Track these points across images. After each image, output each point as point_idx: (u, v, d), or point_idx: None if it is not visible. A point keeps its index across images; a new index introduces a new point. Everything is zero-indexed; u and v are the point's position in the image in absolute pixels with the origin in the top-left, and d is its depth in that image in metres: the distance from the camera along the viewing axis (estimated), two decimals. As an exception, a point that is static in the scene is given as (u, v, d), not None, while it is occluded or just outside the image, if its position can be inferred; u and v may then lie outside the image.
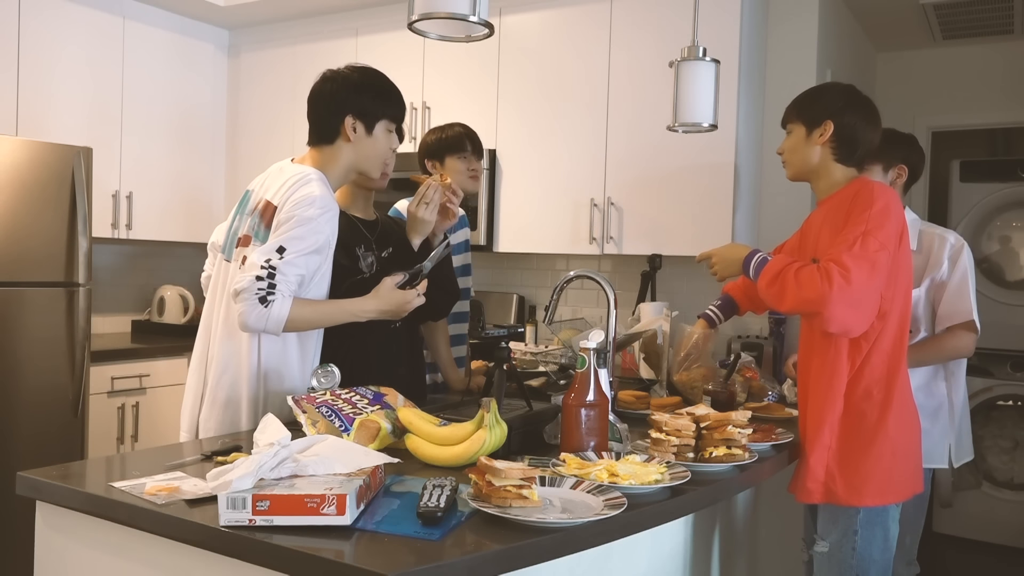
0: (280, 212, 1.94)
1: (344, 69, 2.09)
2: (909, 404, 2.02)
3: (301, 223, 1.90)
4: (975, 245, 4.32)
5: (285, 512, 1.25)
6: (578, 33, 3.55)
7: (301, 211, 1.90)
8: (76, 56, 3.86)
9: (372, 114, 2.05)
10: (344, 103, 2.04)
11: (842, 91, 2.07)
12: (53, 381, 3.34)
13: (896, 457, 1.95)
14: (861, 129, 2.02)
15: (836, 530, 1.99)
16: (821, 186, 2.08)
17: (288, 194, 1.95)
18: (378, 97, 2.07)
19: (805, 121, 2.06)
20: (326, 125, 2.05)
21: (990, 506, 4.20)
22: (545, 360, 2.94)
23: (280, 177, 2.02)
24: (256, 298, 1.84)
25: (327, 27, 4.23)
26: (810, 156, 2.05)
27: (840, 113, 2.01)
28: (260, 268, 1.86)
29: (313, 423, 1.75)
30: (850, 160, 2.04)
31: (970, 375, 2.74)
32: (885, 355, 1.94)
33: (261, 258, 1.87)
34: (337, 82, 2.07)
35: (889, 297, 1.91)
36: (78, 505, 1.45)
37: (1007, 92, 4.34)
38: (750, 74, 3.33)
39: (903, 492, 1.99)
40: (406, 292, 1.99)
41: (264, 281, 1.85)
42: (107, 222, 3.98)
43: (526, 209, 3.66)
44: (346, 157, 2.06)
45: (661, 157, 3.35)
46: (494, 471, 1.37)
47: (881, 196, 1.91)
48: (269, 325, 1.86)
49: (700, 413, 1.84)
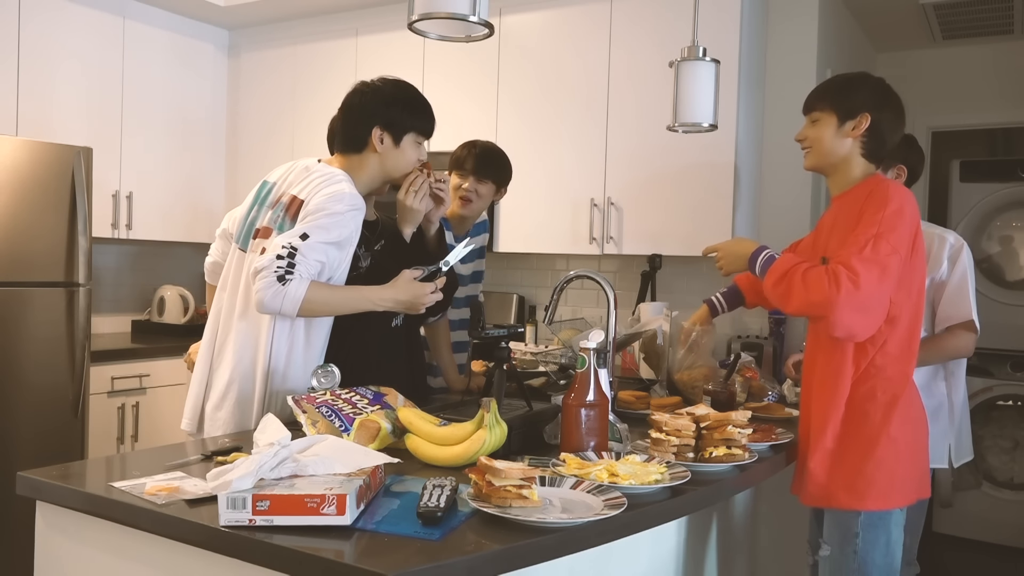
0: (308, 205, 1.97)
1: (377, 81, 2.13)
2: (916, 410, 1.97)
3: (329, 215, 1.93)
4: (975, 245, 4.32)
5: (285, 512, 1.25)
6: (578, 33, 3.55)
7: (331, 205, 1.94)
8: (76, 56, 3.86)
9: (400, 126, 2.08)
10: (373, 114, 2.06)
11: (879, 85, 1.98)
12: (53, 381, 3.34)
13: (899, 461, 1.91)
14: (894, 128, 1.96)
15: (838, 533, 1.96)
16: (838, 180, 2.00)
17: (317, 189, 1.99)
18: (407, 110, 2.10)
19: (839, 111, 1.95)
20: (354, 134, 2.09)
21: (990, 506, 4.20)
22: (545, 360, 2.94)
23: (308, 175, 2.05)
24: (275, 276, 1.85)
25: (327, 27, 4.23)
26: (837, 148, 1.96)
27: (879, 108, 1.93)
28: (281, 248, 1.88)
29: (313, 423, 1.76)
30: (876, 157, 1.98)
31: (970, 375, 2.74)
32: (892, 359, 1.89)
33: (283, 240, 1.90)
34: (368, 94, 2.10)
35: (898, 302, 1.85)
36: (78, 505, 1.45)
37: (1007, 92, 4.34)
38: (750, 74, 3.33)
39: (906, 497, 1.95)
40: (424, 285, 2.00)
41: (284, 260, 1.87)
42: (107, 222, 3.98)
43: (526, 209, 3.66)
44: (372, 166, 2.10)
45: (661, 157, 3.35)
46: (494, 471, 1.37)
47: (896, 197, 1.85)
48: (285, 304, 1.86)
49: (700, 413, 1.84)
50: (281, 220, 2.02)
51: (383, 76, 2.14)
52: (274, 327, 2.00)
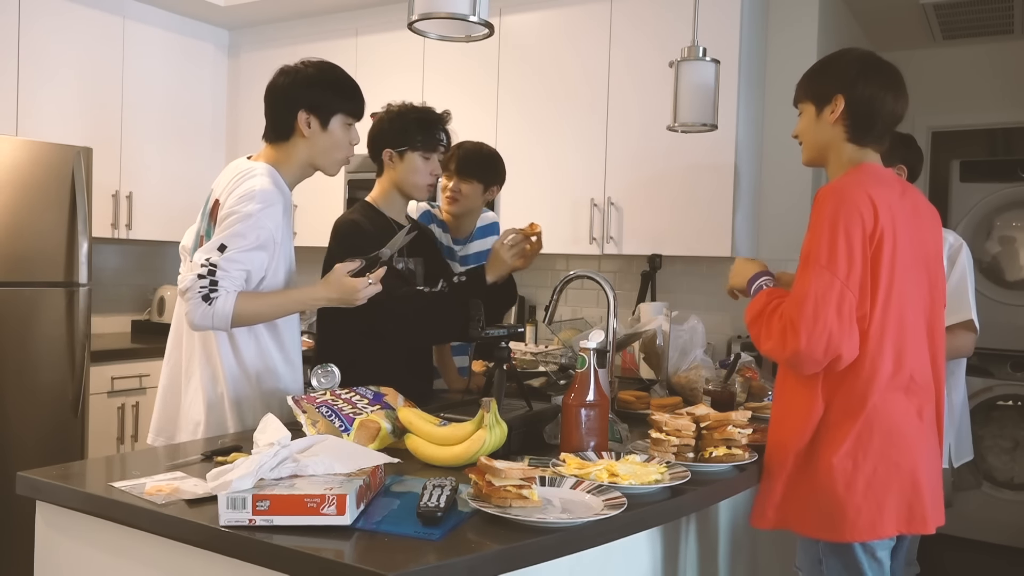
0: (223, 207, 1.92)
1: (299, 64, 2.05)
2: (891, 436, 1.71)
3: (241, 219, 1.88)
4: (975, 245, 4.32)
5: (285, 512, 1.25)
6: (578, 33, 3.55)
7: (241, 207, 1.89)
8: (76, 56, 3.86)
9: (327, 107, 2.01)
10: (298, 98, 2.00)
11: (855, 58, 1.80)
12: (53, 381, 3.34)
13: (854, 491, 1.69)
14: (879, 100, 1.75)
15: (806, 559, 1.83)
16: (832, 171, 1.83)
17: (231, 188, 1.94)
18: (331, 89, 2.02)
19: (814, 98, 1.81)
20: (280, 121, 2.03)
21: (990, 506, 4.19)
22: (545, 360, 2.94)
23: (229, 174, 2.01)
24: (199, 296, 1.84)
25: (327, 27, 4.23)
26: (821, 137, 1.81)
27: (852, 85, 1.75)
28: (200, 266, 1.85)
29: (313, 423, 1.75)
30: (867, 138, 1.78)
31: (970, 375, 2.74)
32: (862, 380, 1.69)
33: (202, 256, 1.87)
34: (290, 75, 2.03)
35: (863, 316, 1.67)
36: (78, 505, 1.45)
37: (1007, 92, 4.34)
38: (750, 74, 3.33)
39: (872, 530, 1.70)
40: (356, 280, 1.93)
41: (206, 279, 1.84)
42: (107, 222, 3.98)
43: (526, 209, 3.66)
44: (301, 153, 2.03)
45: (661, 157, 3.35)
46: (494, 471, 1.37)
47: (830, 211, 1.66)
48: (216, 322, 1.85)
49: (700, 413, 1.84)
50: (207, 227, 1.99)
51: (306, 59, 2.06)
52: (230, 336, 1.97)
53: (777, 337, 1.68)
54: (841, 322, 1.63)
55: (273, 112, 2.05)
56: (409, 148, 2.25)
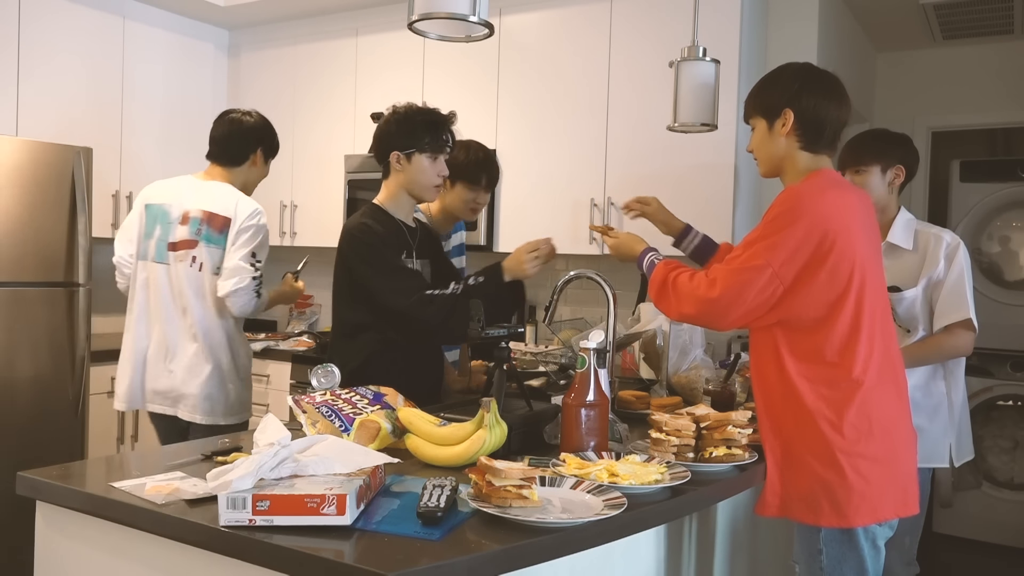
0: (237, 222, 2.56)
1: (255, 112, 2.80)
2: (882, 421, 1.77)
3: (259, 232, 2.60)
4: (975, 245, 4.32)
5: (285, 512, 1.25)
6: (578, 33, 3.55)
7: (257, 221, 2.61)
8: (76, 56, 3.86)
9: (272, 150, 2.82)
10: (259, 139, 2.76)
11: (796, 72, 1.89)
12: (53, 381, 3.34)
13: (860, 476, 1.73)
14: (824, 108, 1.83)
15: (804, 551, 1.85)
16: (787, 180, 1.92)
17: (236, 205, 2.59)
18: (275, 138, 2.83)
19: (764, 113, 1.90)
20: (239, 152, 2.70)
21: (990, 506, 4.20)
22: (545, 360, 2.94)
23: (212, 192, 2.62)
24: (255, 292, 2.57)
25: (327, 27, 4.23)
26: (775, 150, 1.90)
27: (797, 99, 1.83)
28: (252, 268, 2.56)
29: (313, 423, 1.76)
30: (819, 144, 1.86)
31: (970, 375, 2.73)
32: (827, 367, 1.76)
33: (246, 261, 2.55)
34: (255, 119, 2.77)
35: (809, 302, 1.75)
36: (78, 505, 1.45)
37: (1007, 92, 4.34)
38: (750, 74, 3.33)
39: (874, 514, 1.76)
40: (298, 283, 2.88)
41: (257, 280, 2.59)
42: (107, 222, 3.98)
43: (526, 209, 3.66)
44: (246, 178, 2.74)
45: (661, 157, 3.35)
46: (494, 471, 1.37)
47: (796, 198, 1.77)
48: (257, 310, 2.60)
49: (700, 413, 1.84)
50: (206, 232, 2.58)
51: (256, 111, 2.79)
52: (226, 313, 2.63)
53: (689, 288, 1.81)
54: (756, 300, 1.75)
55: (234, 144, 2.73)
56: (416, 150, 2.27)
